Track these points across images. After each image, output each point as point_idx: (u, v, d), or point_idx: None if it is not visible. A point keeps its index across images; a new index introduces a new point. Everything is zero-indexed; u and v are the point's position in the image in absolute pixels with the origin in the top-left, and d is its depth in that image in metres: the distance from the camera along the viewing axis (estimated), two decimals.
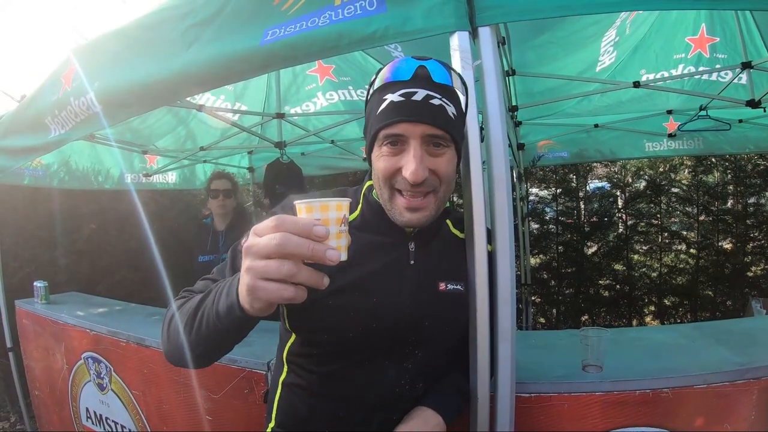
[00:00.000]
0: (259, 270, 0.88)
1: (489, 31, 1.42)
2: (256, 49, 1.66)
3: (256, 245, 0.88)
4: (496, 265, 1.41)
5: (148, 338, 2.75)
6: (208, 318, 1.09)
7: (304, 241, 0.86)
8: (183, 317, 1.17)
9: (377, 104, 1.26)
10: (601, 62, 4.00)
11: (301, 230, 0.87)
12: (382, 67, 1.29)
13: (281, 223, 0.87)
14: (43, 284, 3.80)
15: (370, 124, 1.30)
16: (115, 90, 2.09)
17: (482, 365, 1.42)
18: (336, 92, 4.75)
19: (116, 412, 3.06)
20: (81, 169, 5.38)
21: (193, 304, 1.17)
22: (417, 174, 1.20)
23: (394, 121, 1.22)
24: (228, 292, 1.04)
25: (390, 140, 1.24)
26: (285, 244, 0.85)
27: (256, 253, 0.88)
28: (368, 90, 1.34)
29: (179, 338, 1.17)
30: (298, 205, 0.93)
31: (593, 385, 1.76)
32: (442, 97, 1.23)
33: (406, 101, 1.22)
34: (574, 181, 7.98)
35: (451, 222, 1.52)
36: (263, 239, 0.88)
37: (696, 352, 2.00)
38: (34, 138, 2.62)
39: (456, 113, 1.27)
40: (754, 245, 7.40)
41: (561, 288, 7.89)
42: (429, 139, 1.23)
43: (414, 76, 1.23)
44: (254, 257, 0.89)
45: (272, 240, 0.86)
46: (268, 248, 0.86)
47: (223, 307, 1.03)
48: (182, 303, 1.26)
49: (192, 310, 1.15)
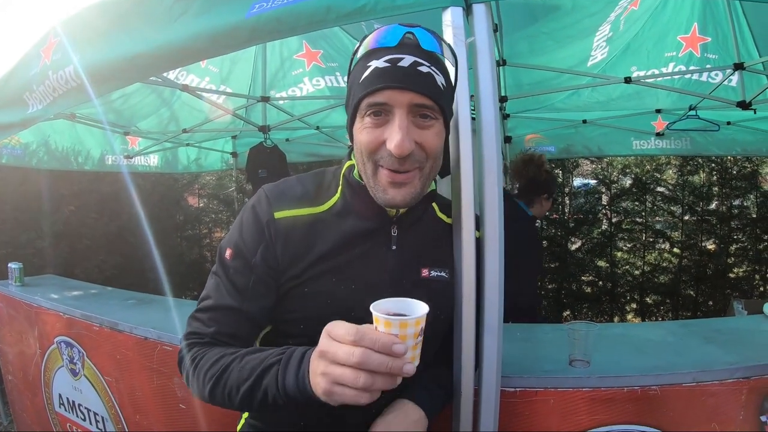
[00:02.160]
0: (336, 377, 0.93)
1: (484, 8, 1.36)
2: (241, 22, 1.60)
3: (333, 354, 0.94)
4: (485, 252, 1.34)
5: (122, 323, 2.67)
6: (273, 401, 1.09)
7: (384, 359, 0.91)
8: (226, 395, 1.17)
9: (360, 72, 1.18)
10: (593, 57, 3.98)
11: (381, 348, 0.91)
12: (366, 35, 1.21)
13: (360, 339, 0.91)
14: (17, 266, 3.70)
15: (353, 94, 1.21)
16: (96, 64, 2.01)
17: (467, 358, 1.36)
18: (323, 78, 4.70)
19: (89, 399, 2.99)
20: (61, 150, 5.29)
21: (237, 383, 1.15)
22: (402, 146, 1.11)
23: (378, 87, 1.13)
24: (296, 381, 1.05)
25: (373, 110, 1.15)
26: (365, 362, 0.90)
27: (333, 359, 0.94)
28: (351, 60, 1.26)
29: (205, 392, 1.20)
30: (376, 316, 0.95)
31: (580, 381, 1.72)
32: (431, 66, 1.15)
33: (392, 67, 1.13)
34: (560, 177, 7.98)
35: (438, 206, 1.44)
36: (342, 351, 0.92)
37: (684, 350, 1.98)
38: (12, 114, 2.53)
39: (445, 84, 1.20)
40: (737, 247, 7.49)
41: (544, 283, 7.91)
42: (416, 109, 1.15)
43: (401, 42, 1.15)
44: (330, 362, 0.95)
45: (352, 357, 0.91)
46: (347, 360, 0.91)
47: (293, 389, 1.05)
48: (210, 371, 1.20)
49: (242, 393, 1.13)
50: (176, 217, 8.63)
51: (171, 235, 8.24)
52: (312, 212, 1.28)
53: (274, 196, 1.29)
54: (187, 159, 6.76)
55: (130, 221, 6.55)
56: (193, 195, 9.27)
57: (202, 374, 1.20)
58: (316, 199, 1.30)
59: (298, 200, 1.28)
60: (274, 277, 1.26)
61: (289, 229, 1.25)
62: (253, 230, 1.27)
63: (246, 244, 1.26)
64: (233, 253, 1.28)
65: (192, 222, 9.09)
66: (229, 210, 8.86)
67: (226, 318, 1.27)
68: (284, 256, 1.24)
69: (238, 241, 1.28)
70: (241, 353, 1.18)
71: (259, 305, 1.27)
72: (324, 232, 1.27)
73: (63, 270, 5.28)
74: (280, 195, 1.29)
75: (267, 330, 1.37)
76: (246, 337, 1.32)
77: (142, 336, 2.57)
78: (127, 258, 6.67)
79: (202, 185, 9.29)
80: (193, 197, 9.29)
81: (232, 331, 1.27)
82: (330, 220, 1.28)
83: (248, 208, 1.31)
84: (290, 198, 1.29)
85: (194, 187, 9.13)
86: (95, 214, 6.50)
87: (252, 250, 1.26)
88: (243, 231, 1.28)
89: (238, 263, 1.27)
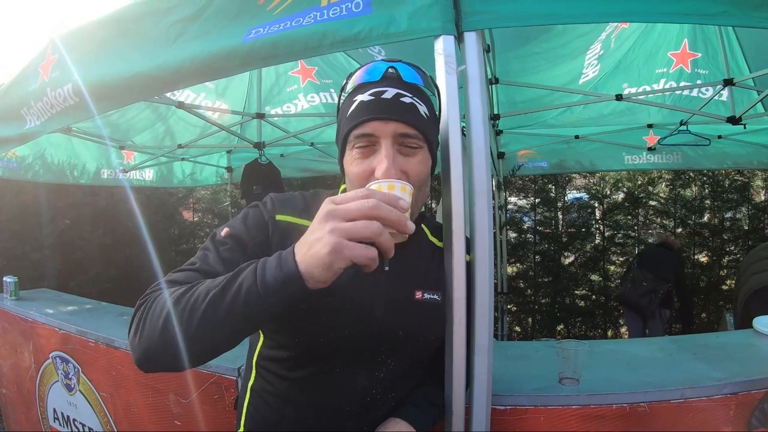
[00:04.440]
0: (347, 230, 0.92)
1: (475, 36, 1.39)
2: (237, 46, 1.62)
3: (343, 209, 0.94)
4: (475, 275, 1.37)
5: (118, 339, 2.68)
6: (246, 297, 0.99)
7: (394, 210, 0.94)
8: (189, 306, 1.04)
9: (347, 106, 1.25)
10: (585, 75, 4.03)
11: (390, 200, 0.95)
12: (352, 73, 1.27)
13: (372, 193, 0.95)
14: (12, 279, 3.70)
15: (341, 128, 1.27)
16: (93, 83, 2.03)
17: (458, 377, 1.38)
18: (317, 94, 4.74)
19: (84, 414, 2.98)
20: (57, 163, 5.29)
21: (206, 289, 1.04)
22: (388, 173, 1.15)
23: (363, 119, 1.19)
24: (278, 265, 0.99)
25: (361, 142, 1.20)
26: (379, 207, 0.92)
27: (343, 215, 0.93)
28: (339, 96, 1.33)
29: (176, 330, 1.03)
30: (379, 184, 1.06)
31: (570, 399, 1.74)
32: (413, 96, 1.22)
33: (376, 99, 1.19)
34: (553, 192, 8.03)
35: (428, 229, 1.47)
36: (354, 203, 0.94)
37: (673, 366, 1.99)
38: (8, 128, 2.55)
39: (428, 113, 1.25)
40: (730, 259, 7.52)
41: (537, 297, 7.94)
42: (400, 138, 1.20)
43: (384, 76, 1.22)
44: (340, 220, 0.93)
45: (366, 203, 0.93)
46: (360, 210, 0.92)
47: (275, 281, 0.98)
48: (177, 292, 1.09)
49: (211, 295, 1.02)
50: (171, 231, 8.62)
51: (165, 248, 8.22)
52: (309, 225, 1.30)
53: (279, 202, 1.33)
54: (182, 173, 6.77)
55: (125, 235, 6.55)
56: (188, 209, 9.27)
57: (161, 301, 1.10)
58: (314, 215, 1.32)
59: (299, 211, 1.32)
60: None
61: (288, 232, 1.27)
62: (254, 222, 1.29)
63: (246, 230, 1.28)
64: (229, 232, 1.27)
65: (186, 236, 9.06)
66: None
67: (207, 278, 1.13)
68: None
69: (238, 226, 1.29)
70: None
71: None
72: None
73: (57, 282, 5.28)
74: (285, 202, 1.34)
75: (261, 344, 1.39)
76: None
77: None
78: (121, 271, 6.66)
79: (196, 199, 9.30)
80: (188, 211, 9.29)
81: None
82: None
83: (252, 206, 1.35)
84: (293, 207, 1.32)
85: (189, 202, 9.13)
86: (90, 227, 6.50)
87: (250, 235, 1.27)
88: (245, 221, 1.30)
89: (232, 241, 1.26)
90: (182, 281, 1.17)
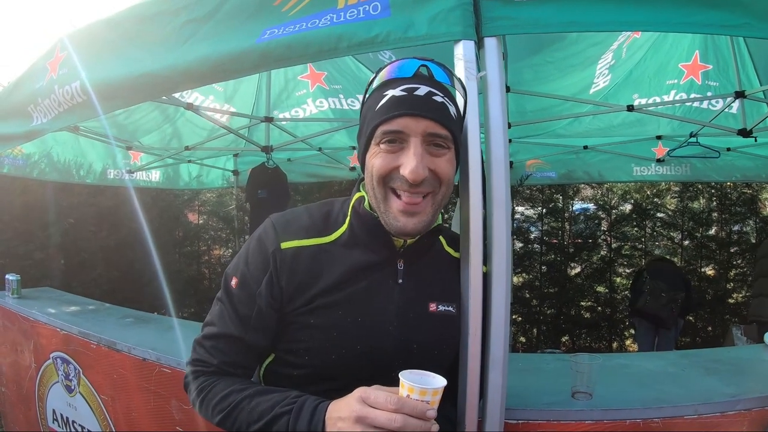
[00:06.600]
0: None
1: (495, 42, 1.37)
2: (251, 47, 1.60)
3: (374, 418, 1.02)
4: (491, 287, 1.34)
5: (120, 342, 2.65)
6: None
7: (419, 423, 1.01)
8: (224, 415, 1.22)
9: (376, 100, 1.21)
10: (596, 84, 4.01)
11: (418, 412, 1.01)
12: (382, 67, 1.24)
13: (402, 407, 1.01)
14: (15, 278, 3.68)
15: (368, 122, 1.23)
16: (102, 81, 2.01)
17: (472, 389, 1.35)
18: (326, 99, 4.73)
19: (83, 416, 2.96)
20: (63, 162, 5.27)
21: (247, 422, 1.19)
22: (417, 172, 1.13)
23: (394, 115, 1.15)
24: (310, 422, 1.11)
25: (388, 138, 1.17)
26: (407, 425, 1.00)
27: (372, 424, 1.02)
28: (365, 91, 1.29)
29: (213, 423, 1.26)
30: (410, 386, 1.04)
31: (583, 414, 1.71)
32: (444, 96, 1.19)
33: (409, 95, 1.16)
34: (561, 202, 7.99)
35: (445, 240, 1.43)
36: (384, 417, 1.01)
37: (686, 382, 1.97)
38: (15, 125, 2.53)
39: (456, 115, 1.23)
40: (737, 272, 7.49)
41: (542, 308, 7.89)
42: (430, 138, 1.17)
43: (416, 73, 1.20)
44: (369, 427, 1.02)
45: (394, 422, 1.00)
46: (389, 425, 1.01)
47: None
48: (209, 387, 1.27)
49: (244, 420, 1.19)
50: (175, 233, 8.58)
51: (169, 251, 8.19)
52: (318, 242, 1.27)
53: (281, 226, 1.29)
54: (189, 175, 6.75)
55: (129, 236, 6.53)
56: (193, 212, 9.24)
57: (211, 407, 1.25)
58: (323, 230, 1.30)
59: (305, 230, 1.28)
60: (278, 308, 1.25)
61: (295, 259, 1.25)
62: (258, 260, 1.27)
63: (251, 274, 1.27)
64: (238, 281, 1.29)
65: (191, 239, 9.04)
66: (229, 227, 8.81)
67: (230, 347, 1.29)
68: (289, 286, 1.24)
69: (244, 269, 1.29)
70: (250, 393, 1.21)
71: (262, 335, 1.27)
72: (330, 263, 1.26)
73: (60, 282, 5.26)
74: (287, 225, 1.30)
75: (270, 360, 1.36)
76: (250, 365, 1.34)
77: (140, 357, 2.55)
78: (124, 272, 6.63)
79: (202, 202, 9.27)
80: (193, 214, 9.26)
81: (235, 361, 1.29)
82: (336, 251, 1.28)
83: (255, 238, 1.32)
84: (297, 228, 1.29)
85: (194, 204, 9.10)
86: (94, 228, 6.48)
87: (257, 279, 1.26)
88: (249, 260, 1.29)
89: (243, 292, 1.27)
90: (210, 363, 1.31)
